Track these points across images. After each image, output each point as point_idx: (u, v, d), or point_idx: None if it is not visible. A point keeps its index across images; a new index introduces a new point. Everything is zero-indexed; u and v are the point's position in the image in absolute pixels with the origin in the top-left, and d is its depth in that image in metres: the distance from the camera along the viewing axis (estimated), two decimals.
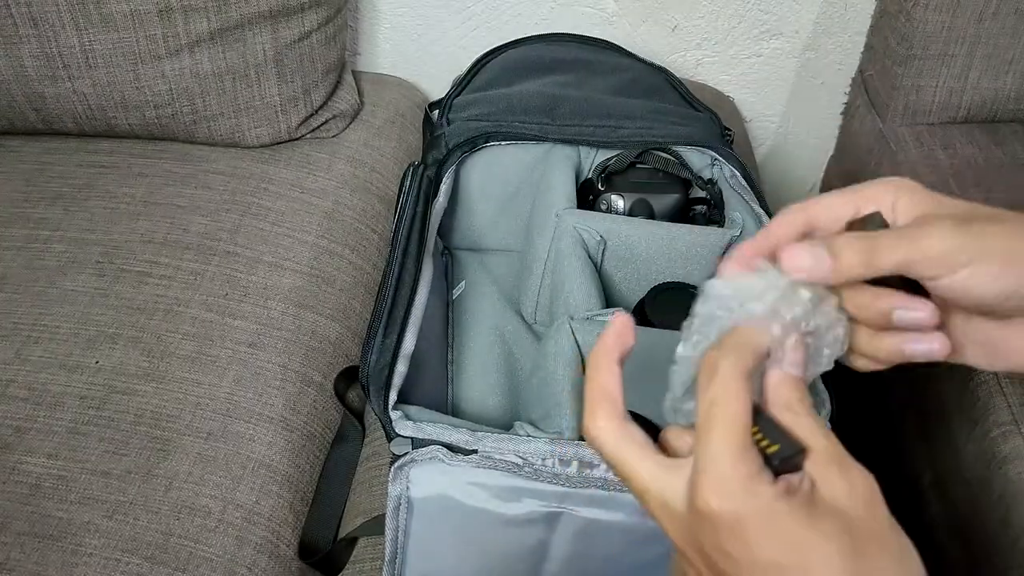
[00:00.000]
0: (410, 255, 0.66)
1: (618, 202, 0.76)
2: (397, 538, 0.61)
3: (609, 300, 0.74)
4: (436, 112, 0.85)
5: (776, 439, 0.36)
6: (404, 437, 0.58)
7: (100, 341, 0.77)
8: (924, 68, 0.94)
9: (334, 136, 0.99)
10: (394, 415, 0.58)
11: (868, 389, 0.91)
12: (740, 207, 0.75)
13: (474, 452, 0.56)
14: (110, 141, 0.95)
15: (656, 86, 0.91)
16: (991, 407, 0.72)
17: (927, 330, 0.40)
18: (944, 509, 0.78)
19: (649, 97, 0.88)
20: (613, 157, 0.78)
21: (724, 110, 1.04)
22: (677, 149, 0.79)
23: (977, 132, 0.97)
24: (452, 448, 0.57)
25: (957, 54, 0.93)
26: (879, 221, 0.40)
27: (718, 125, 0.85)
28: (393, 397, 0.59)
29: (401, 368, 0.61)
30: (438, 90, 1.08)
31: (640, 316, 0.69)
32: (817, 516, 0.35)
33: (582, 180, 0.79)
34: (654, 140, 0.78)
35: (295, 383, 0.78)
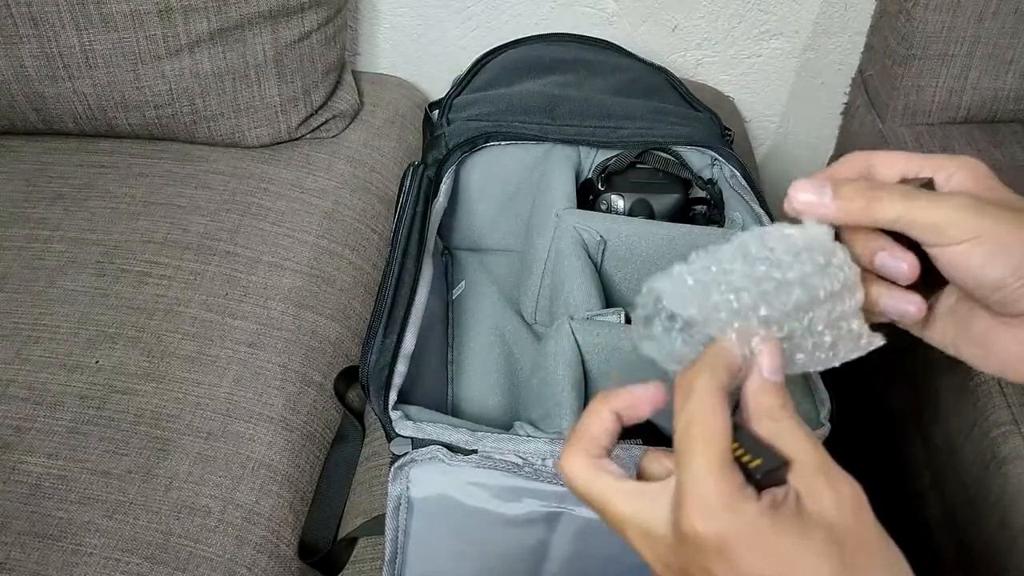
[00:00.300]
0: (410, 255, 0.66)
1: (618, 202, 0.76)
2: (397, 538, 0.61)
3: (609, 300, 0.74)
4: (436, 112, 0.85)
5: (758, 453, 0.36)
6: (404, 437, 0.58)
7: (100, 341, 0.77)
8: (924, 68, 0.94)
9: (334, 136, 0.99)
10: (394, 415, 0.58)
11: (868, 389, 0.91)
12: (740, 207, 0.75)
13: (474, 452, 0.57)
14: (110, 141, 0.95)
15: (656, 86, 0.91)
16: (990, 407, 0.72)
17: (911, 293, 0.41)
18: (942, 510, 0.78)
19: (649, 97, 0.88)
20: (613, 157, 0.78)
21: (724, 110, 1.04)
22: (677, 149, 0.79)
23: (977, 133, 0.97)
24: (452, 448, 0.57)
25: (957, 54, 0.93)
26: (929, 187, 0.40)
27: (718, 125, 0.85)
28: (393, 397, 0.59)
29: (401, 368, 0.61)
30: (438, 90, 1.08)
31: None
32: (804, 529, 0.34)
33: (582, 180, 0.79)
34: (654, 140, 0.78)
35: (295, 383, 0.78)
